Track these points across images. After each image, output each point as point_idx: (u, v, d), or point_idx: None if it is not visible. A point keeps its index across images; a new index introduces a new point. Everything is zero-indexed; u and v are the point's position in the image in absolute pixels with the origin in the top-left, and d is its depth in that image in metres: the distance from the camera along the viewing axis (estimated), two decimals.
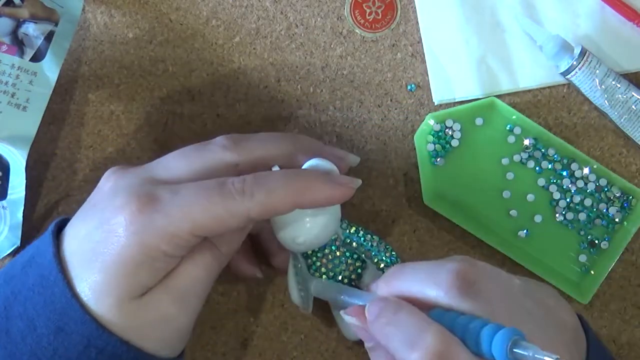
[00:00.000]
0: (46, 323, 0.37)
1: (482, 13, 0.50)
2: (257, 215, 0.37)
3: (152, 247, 0.36)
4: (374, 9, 0.50)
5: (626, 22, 0.50)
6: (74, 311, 0.37)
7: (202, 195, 0.37)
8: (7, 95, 0.46)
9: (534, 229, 0.49)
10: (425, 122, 0.48)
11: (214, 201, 0.37)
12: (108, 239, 0.37)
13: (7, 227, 0.47)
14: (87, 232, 0.38)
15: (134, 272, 0.37)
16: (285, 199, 0.38)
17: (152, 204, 0.37)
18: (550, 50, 0.48)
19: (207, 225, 0.37)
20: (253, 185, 0.37)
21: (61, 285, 0.37)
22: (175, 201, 0.37)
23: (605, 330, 0.49)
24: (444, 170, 0.49)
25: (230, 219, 0.37)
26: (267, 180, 0.38)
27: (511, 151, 0.49)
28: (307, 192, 0.38)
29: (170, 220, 0.36)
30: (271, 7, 0.51)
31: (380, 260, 0.44)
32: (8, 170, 0.46)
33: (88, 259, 0.37)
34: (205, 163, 0.40)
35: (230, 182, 0.37)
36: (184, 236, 0.37)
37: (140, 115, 0.50)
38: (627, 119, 0.49)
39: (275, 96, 0.50)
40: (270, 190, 0.37)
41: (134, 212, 0.36)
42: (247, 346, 0.49)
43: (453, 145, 0.49)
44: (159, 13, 0.51)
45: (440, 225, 0.50)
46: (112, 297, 0.37)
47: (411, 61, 0.50)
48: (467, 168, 0.49)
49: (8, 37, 0.47)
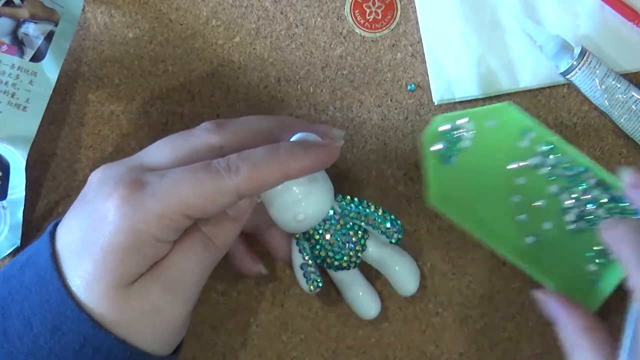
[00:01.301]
0: (42, 322, 0.37)
1: (482, 13, 0.50)
2: (245, 189, 0.38)
3: (142, 231, 0.36)
4: (374, 9, 0.50)
5: (626, 22, 0.50)
6: (69, 310, 0.37)
7: (189, 175, 0.37)
8: (7, 95, 0.46)
9: (542, 236, 0.48)
10: (435, 122, 0.48)
11: (201, 179, 0.37)
12: (97, 226, 0.37)
13: (7, 227, 0.47)
14: (77, 224, 0.38)
15: (123, 258, 0.37)
16: (272, 170, 0.38)
17: (140, 188, 0.37)
18: (550, 50, 0.48)
19: (196, 204, 0.37)
20: (238, 161, 0.38)
21: (56, 283, 0.37)
22: (163, 183, 0.37)
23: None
24: (451, 171, 0.48)
25: (219, 196, 0.37)
26: (252, 154, 0.38)
27: (523, 156, 0.48)
28: (292, 160, 0.39)
29: (158, 201, 0.36)
30: (271, 7, 0.51)
31: (383, 222, 0.44)
32: (8, 170, 0.46)
33: (79, 248, 0.37)
34: (191, 147, 0.40)
35: (216, 162, 0.38)
36: (174, 217, 0.37)
37: (140, 115, 0.50)
38: (627, 119, 0.49)
39: (275, 96, 0.50)
40: (256, 163, 0.38)
41: (122, 196, 0.37)
42: (247, 346, 0.49)
43: (462, 147, 0.48)
44: (159, 13, 0.51)
45: (440, 226, 0.50)
46: (102, 284, 0.37)
47: (411, 61, 0.50)
48: (476, 170, 0.48)
49: (8, 37, 0.47)
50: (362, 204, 0.44)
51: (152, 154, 0.40)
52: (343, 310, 0.49)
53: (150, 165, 0.40)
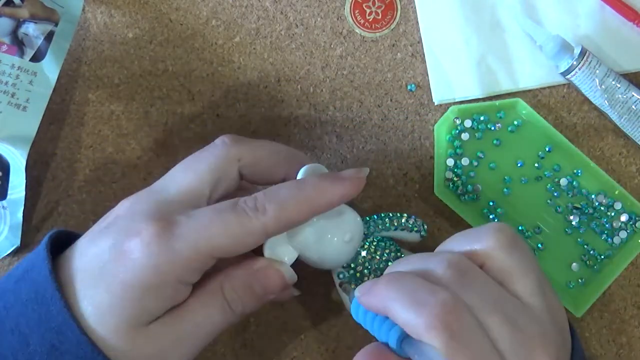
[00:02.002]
0: (40, 341, 0.36)
1: (482, 13, 0.50)
2: (273, 228, 0.38)
3: (166, 272, 0.36)
4: (374, 9, 0.50)
5: (626, 22, 0.50)
6: (70, 331, 0.36)
7: (216, 216, 0.37)
8: (7, 95, 0.46)
9: (539, 237, 0.49)
10: (448, 114, 0.48)
11: (228, 220, 0.37)
12: (121, 260, 0.37)
13: (7, 227, 0.47)
14: (98, 252, 0.38)
15: (142, 296, 0.36)
16: (300, 207, 0.38)
17: (170, 228, 0.37)
18: (550, 50, 0.48)
19: (224, 245, 0.37)
20: (265, 200, 0.38)
21: (58, 304, 0.36)
22: (190, 224, 0.37)
23: (605, 330, 0.49)
24: (459, 165, 0.49)
25: (247, 237, 0.37)
26: (278, 193, 0.38)
27: (528, 155, 0.49)
28: (319, 195, 0.38)
29: (187, 243, 0.36)
30: (271, 7, 0.51)
31: (407, 220, 0.45)
32: (8, 170, 0.46)
33: (96, 277, 0.37)
34: (210, 164, 0.40)
35: (243, 201, 0.38)
36: (201, 258, 0.37)
37: (140, 115, 0.50)
38: (627, 119, 0.49)
39: (275, 96, 0.50)
40: (283, 201, 0.38)
41: (152, 235, 0.36)
42: (247, 346, 0.49)
43: (472, 141, 0.48)
44: (159, 13, 0.51)
45: (440, 226, 0.50)
46: (116, 318, 0.36)
47: (411, 61, 0.50)
48: (482, 165, 0.49)
49: (8, 37, 0.47)
50: (378, 215, 0.44)
51: (174, 181, 0.40)
52: (343, 310, 0.49)
53: (176, 194, 0.39)
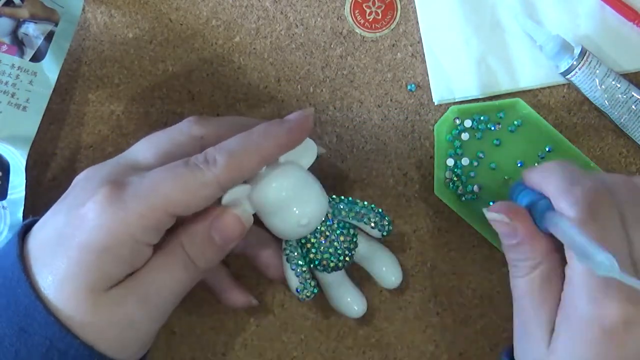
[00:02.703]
0: (8, 324, 0.36)
1: (482, 13, 0.50)
2: (226, 179, 0.38)
3: (121, 231, 0.36)
4: (374, 9, 0.50)
5: (626, 22, 0.50)
6: (37, 312, 0.36)
7: (169, 172, 0.37)
8: (7, 95, 0.46)
9: None
10: (448, 113, 0.48)
11: (180, 174, 0.37)
12: (75, 224, 0.36)
13: (7, 227, 0.47)
14: (54, 222, 0.38)
15: (98, 258, 0.36)
16: (249, 155, 0.38)
17: (122, 188, 0.37)
18: (550, 50, 0.48)
19: (178, 199, 0.37)
20: (215, 152, 0.38)
21: (24, 286, 0.36)
22: (144, 182, 0.37)
23: None
24: (459, 165, 0.49)
25: (200, 189, 0.37)
26: (227, 144, 0.39)
27: (528, 155, 0.49)
28: (267, 139, 0.39)
29: (140, 199, 0.36)
30: (271, 7, 0.51)
31: (374, 216, 0.45)
32: (8, 170, 0.46)
33: (54, 245, 0.37)
34: (174, 141, 0.41)
35: (194, 157, 0.38)
36: (156, 215, 0.37)
37: (140, 115, 0.50)
38: (627, 119, 0.49)
39: (275, 96, 0.50)
40: (232, 150, 0.38)
41: (105, 196, 0.36)
42: (247, 346, 0.49)
43: (472, 141, 0.48)
44: (159, 13, 0.51)
45: (440, 226, 0.50)
46: (74, 284, 0.36)
47: (411, 61, 0.50)
48: (482, 165, 0.49)
49: (8, 37, 0.47)
50: (350, 201, 0.45)
51: (136, 152, 0.41)
52: None
53: (134, 163, 0.39)
